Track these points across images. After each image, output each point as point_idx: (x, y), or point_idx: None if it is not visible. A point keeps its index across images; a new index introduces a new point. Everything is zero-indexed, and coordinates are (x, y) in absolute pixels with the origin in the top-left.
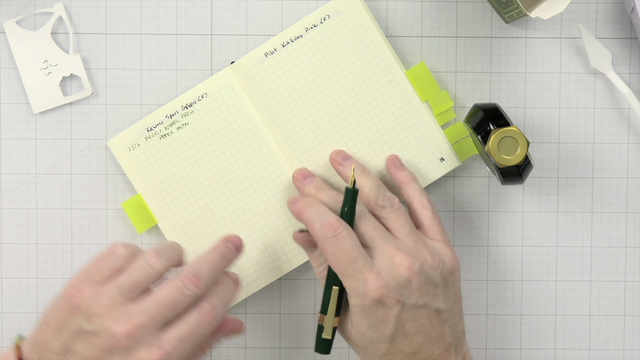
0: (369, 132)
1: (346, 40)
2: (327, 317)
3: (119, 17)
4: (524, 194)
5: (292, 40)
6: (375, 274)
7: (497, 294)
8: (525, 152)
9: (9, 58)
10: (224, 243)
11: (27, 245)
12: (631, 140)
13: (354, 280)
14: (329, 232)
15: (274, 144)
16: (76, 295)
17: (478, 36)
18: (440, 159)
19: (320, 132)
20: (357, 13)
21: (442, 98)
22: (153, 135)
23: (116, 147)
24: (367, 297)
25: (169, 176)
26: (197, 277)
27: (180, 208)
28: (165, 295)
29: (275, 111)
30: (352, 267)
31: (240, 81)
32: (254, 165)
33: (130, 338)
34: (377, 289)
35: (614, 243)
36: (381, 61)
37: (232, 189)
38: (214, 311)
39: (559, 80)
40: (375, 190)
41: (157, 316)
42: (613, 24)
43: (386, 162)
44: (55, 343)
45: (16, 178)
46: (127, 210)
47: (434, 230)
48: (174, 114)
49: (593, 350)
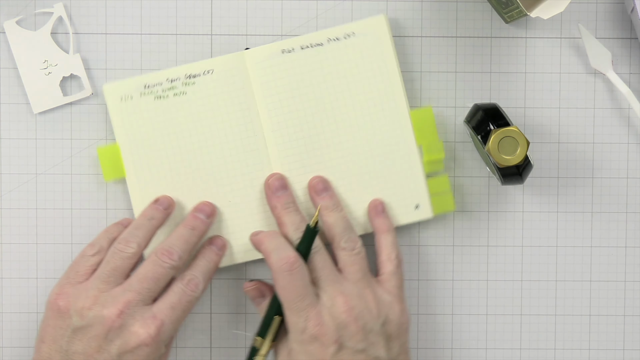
0: (356, 156)
1: (363, 62)
2: (265, 343)
3: (119, 17)
4: (524, 194)
5: (312, 45)
6: (316, 312)
7: (497, 294)
8: (525, 152)
9: (9, 58)
10: (193, 214)
11: (27, 245)
12: (631, 140)
13: (297, 316)
14: (284, 266)
15: (264, 139)
16: (61, 299)
17: (478, 36)
18: (415, 206)
19: (311, 141)
20: (381, 40)
21: (436, 147)
22: (148, 94)
23: (110, 93)
24: (305, 334)
25: (151, 137)
26: (169, 251)
27: (153, 170)
28: (144, 271)
29: (274, 107)
30: (297, 303)
31: (250, 68)
32: (238, 152)
33: (122, 316)
34: (315, 326)
35: (614, 243)
36: (390, 93)
37: (209, 169)
38: (196, 280)
39: (559, 80)
40: (341, 230)
41: (142, 290)
42: (613, 24)
43: (369, 204)
44: (56, 356)
45: (16, 178)
46: (100, 155)
47: (390, 283)
48: (176, 79)
49: (593, 350)
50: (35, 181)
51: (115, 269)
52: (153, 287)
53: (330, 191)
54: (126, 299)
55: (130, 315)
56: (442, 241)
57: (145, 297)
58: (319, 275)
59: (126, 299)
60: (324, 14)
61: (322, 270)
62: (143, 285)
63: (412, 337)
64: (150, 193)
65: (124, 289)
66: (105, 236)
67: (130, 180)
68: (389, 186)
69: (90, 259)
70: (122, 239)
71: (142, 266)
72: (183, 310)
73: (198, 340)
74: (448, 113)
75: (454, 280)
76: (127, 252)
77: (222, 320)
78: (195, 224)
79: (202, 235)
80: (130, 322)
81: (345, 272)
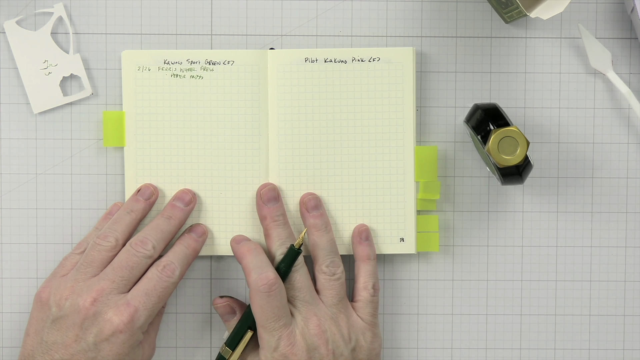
0: (354, 178)
1: (381, 88)
2: (233, 354)
3: (119, 17)
4: (524, 194)
5: (335, 61)
6: (289, 332)
7: (497, 294)
8: (525, 152)
9: (9, 58)
10: (171, 203)
11: (27, 245)
12: (631, 140)
13: (270, 335)
14: (263, 287)
15: (268, 140)
16: (43, 292)
17: (478, 36)
18: (400, 239)
19: (312, 153)
20: (404, 72)
21: (433, 187)
22: (166, 70)
23: (128, 60)
24: (277, 352)
25: (158, 112)
26: (142, 241)
27: (152, 145)
28: (118, 260)
29: (284, 112)
30: (273, 324)
31: (270, 68)
32: (239, 147)
33: (96, 303)
34: (287, 346)
35: (614, 243)
36: (400, 125)
37: (208, 157)
38: (172, 266)
39: (559, 80)
40: (326, 253)
41: (116, 278)
42: (613, 24)
43: (355, 229)
44: (38, 348)
45: (16, 178)
46: (105, 119)
47: (364, 310)
48: (196, 62)
49: (593, 350)
50: (35, 181)
51: (92, 261)
52: (127, 276)
53: (321, 210)
54: (100, 287)
55: (104, 303)
56: (442, 241)
57: (120, 285)
58: (296, 295)
59: (100, 287)
60: (324, 14)
61: (299, 291)
62: (117, 273)
63: (412, 337)
64: (145, 166)
65: (99, 279)
66: (94, 233)
67: (128, 152)
68: (380, 214)
69: (76, 256)
70: (101, 234)
71: (117, 256)
72: (159, 297)
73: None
74: (448, 113)
75: (454, 280)
76: (104, 245)
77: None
78: (172, 212)
79: (180, 224)
80: (104, 310)
81: (323, 294)
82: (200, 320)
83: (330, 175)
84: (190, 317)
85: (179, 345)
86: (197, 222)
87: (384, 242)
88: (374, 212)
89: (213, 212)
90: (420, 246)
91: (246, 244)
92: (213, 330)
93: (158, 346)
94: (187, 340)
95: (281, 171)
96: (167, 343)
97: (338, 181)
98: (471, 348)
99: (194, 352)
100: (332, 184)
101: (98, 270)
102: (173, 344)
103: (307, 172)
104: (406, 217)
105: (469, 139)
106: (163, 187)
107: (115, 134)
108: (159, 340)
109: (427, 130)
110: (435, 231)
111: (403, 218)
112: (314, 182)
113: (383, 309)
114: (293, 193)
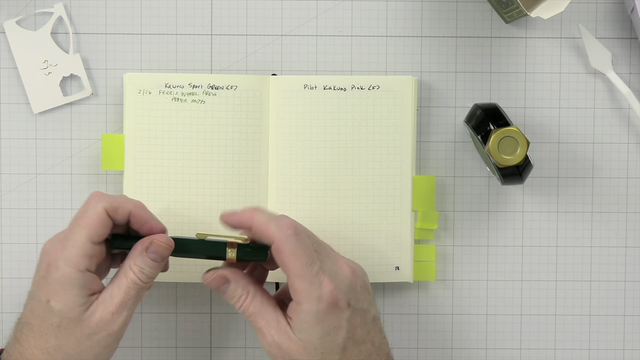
0: (351, 205)
1: (380, 117)
2: (232, 254)
3: (119, 17)
4: (524, 194)
5: (334, 88)
6: (328, 277)
7: (497, 294)
8: (525, 152)
9: (9, 58)
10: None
11: (27, 245)
12: (631, 140)
13: (310, 283)
14: (289, 231)
15: (268, 167)
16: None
17: (478, 36)
18: (396, 267)
19: (310, 180)
20: (405, 101)
21: (432, 217)
22: (167, 93)
23: (129, 82)
24: (323, 301)
25: (158, 136)
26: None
27: (151, 169)
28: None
29: (284, 138)
30: (310, 268)
31: (271, 94)
32: (239, 173)
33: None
34: (331, 291)
35: (614, 243)
36: (399, 154)
37: (207, 182)
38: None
39: (559, 80)
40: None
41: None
42: (613, 24)
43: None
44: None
45: (16, 178)
46: (104, 142)
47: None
48: (198, 86)
49: (593, 350)
50: (35, 181)
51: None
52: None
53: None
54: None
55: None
56: (442, 241)
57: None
58: (315, 241)
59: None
60: (324, 14)
61: (315, 237)
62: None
63: (412, 337)
64: (143, 190)
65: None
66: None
67: (127, 175)
68: (376, 242)
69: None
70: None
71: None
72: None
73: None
74: (448, 113)
75: (454, 280)
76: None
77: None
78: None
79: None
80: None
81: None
82: (200, 320)
83: (327, 202)
84: (190, 317)
85: (179, 345)
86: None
87: (380, 270)
88: (370, 239)
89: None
90: (417, 275)
91: (246, 209)
92: (213, 330)
93: (160, 346)
94: (187, 340)
95: (278, 197)
96: (167, 343)
97: (335, 208)
98: (471, 348)
99: (194, 352)
100: (329, 211)
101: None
102: (173, 344)
103: (305, 198)
104: (403, 247)
105: (469, 139)
106: (160, 213)
107: (114, 158)
108: (160, 341)
109: (427, 130)
110: (432, 261)
111: (399, 247)
112: (310, 209)
113: (383, 309)
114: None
